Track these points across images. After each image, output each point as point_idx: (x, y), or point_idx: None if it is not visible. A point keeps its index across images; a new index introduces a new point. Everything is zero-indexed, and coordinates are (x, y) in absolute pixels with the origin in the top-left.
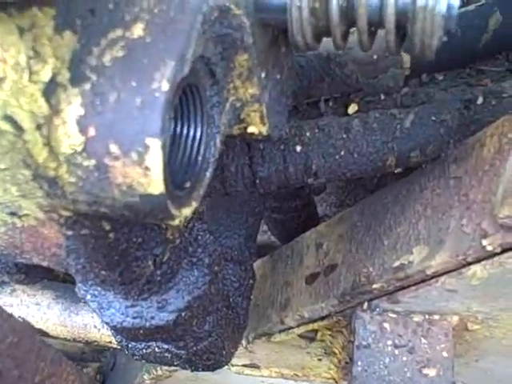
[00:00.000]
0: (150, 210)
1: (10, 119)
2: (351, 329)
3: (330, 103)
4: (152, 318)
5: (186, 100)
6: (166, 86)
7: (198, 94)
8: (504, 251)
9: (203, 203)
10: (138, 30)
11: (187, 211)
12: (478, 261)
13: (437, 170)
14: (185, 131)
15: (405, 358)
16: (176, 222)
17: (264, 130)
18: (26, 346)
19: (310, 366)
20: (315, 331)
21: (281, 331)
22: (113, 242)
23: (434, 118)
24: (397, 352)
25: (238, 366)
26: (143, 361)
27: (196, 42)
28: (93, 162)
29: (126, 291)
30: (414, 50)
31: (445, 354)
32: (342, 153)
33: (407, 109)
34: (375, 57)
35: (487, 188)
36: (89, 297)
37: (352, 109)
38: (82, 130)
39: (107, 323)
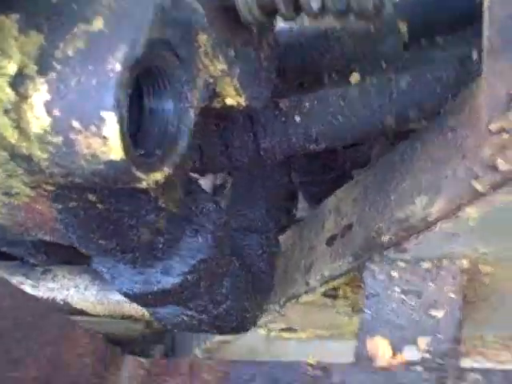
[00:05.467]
0: (115, 174)
1: None
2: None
3: (333, 76)
4: (158, 282)
5: (155, 79)
6: (118, 67)
7: (165, 74)
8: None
9: (223, 179)
10: (98, 24)
11: (157, 175)
12: (470, 203)
13: (436, 125)
14: (155, 106)
15: (413, 303)
16: (143, 184)
17: (241, 101)
18: (28, 310)
19: (342, 324)
20: (336, 289)
21: (306, 292)
22: (103, 212)
23: (429, 76)
24: (405, 297)
25: (275, 330)
26: (176, 330)
27: (149, 29)
28: (60, 138)
29: (132, 260)
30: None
31: (452, 295)
32: (340, 118)
33: (404, 71)
34: (372, 28)
35: (479, 135)
36: (103, 269)
37: (354, 78)
38: (49, 112)
39: (120, 291)
